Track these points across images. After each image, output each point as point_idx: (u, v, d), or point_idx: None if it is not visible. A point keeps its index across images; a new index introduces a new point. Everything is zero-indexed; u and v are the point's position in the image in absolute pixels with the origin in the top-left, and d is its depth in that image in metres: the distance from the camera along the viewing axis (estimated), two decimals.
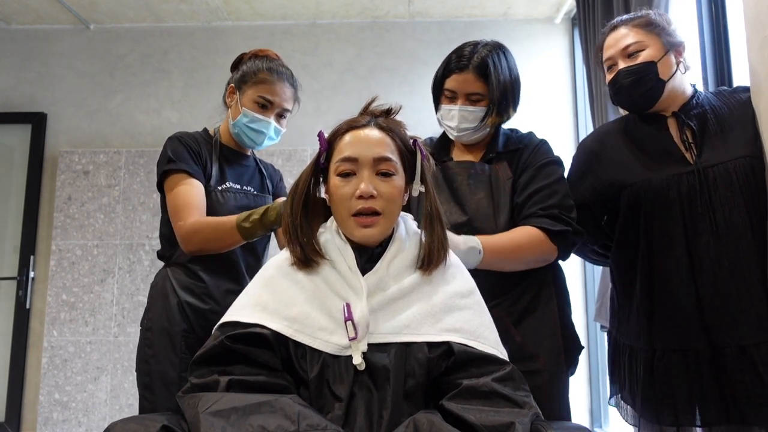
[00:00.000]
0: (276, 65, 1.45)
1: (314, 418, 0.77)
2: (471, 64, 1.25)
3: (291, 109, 1.48)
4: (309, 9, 3.24)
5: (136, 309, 3.03)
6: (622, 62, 1.28)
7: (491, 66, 1.25)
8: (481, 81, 1.26)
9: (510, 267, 1.22)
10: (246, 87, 1.42)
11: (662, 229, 1.21)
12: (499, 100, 1.26)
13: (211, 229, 1.30)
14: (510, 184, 1.28)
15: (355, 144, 0.96)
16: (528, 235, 1.20)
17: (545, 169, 1.28)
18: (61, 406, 2.97)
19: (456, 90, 1.28)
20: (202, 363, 0.87)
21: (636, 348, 1.27)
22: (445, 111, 1.30)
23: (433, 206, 0.98)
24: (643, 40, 1.26)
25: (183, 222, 1.31)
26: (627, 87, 1.26)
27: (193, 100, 3.30)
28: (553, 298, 1.26)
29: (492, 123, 1.30)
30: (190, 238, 1.30)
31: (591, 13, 2.61)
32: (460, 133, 1.30)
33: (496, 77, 1.25)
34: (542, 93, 3.21)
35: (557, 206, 1.23)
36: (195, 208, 1.32)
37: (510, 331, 1.20)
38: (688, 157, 1.22)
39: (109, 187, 3.16)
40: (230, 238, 1.28)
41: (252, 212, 1.26)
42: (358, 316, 0.88)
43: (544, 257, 1.23)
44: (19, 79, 3.34)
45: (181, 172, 1.36)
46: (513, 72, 1.31)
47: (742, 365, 1.12)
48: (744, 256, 1.14)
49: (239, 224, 1.25)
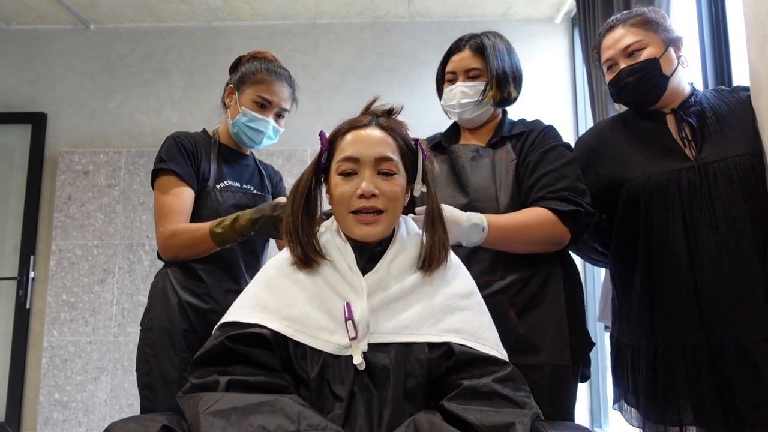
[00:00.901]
0: (274, 66, 1.47)
1: (314, 418, 0.77)
2: (468, 44, 1.33)
3: (289, 108, 1.50)
4: (309, 9, 3.24)
5: (136, 309, 3.03)
6: (623, 62, 1.27)
7: (487, 43, 1.31)
8: (478, 57, 1.31)
9: (518, 248, 1.19)
10: (245, 87, 1.44)
11: (662, 224, 1.20)
12: (497, 73, 1.29)
13: (187, 236, 1.33)
14: (514, 165, 1.27)
15: (356, 143, 0.96)
16: (537, 215, 1.17)
17: (553, 152, 1.26)
18: (61, 406, 2.97)
19: (455, 70, 1.33)
20: (201, 363, 0.88)
21: (638, 346, 1.26)
22: (447, 92, 1.35)
23: (435, 206, 0.98)
24: (643, 38, 1.26)
25: (163, 228, 1.35)
26: (632, 85, 1.26)
27: (193, 100, 3.30)
28: (562, 290, 1.23)
29: (492, 97, 1.30)
30: (167, 244, 1.35)
31: (591, 13, 2.61)
32: (461, 109, 1.32)
33: (493, 53, 1.30)
34: (542, 93, 3.21)
35: (567, 189, 1.20)
36: (177, 214, 1.35)
37: (513, 322, 1.18)
38: (687, 153, 1.21)
39: (109, 187, 3.16)
40: (204, 245, 1.32)
41: (224, 218, 1.29)
42: (358, 315, 0.88)
43: (555, 239, 1.19)
44: (19, 79, 3.34)
45: (170, 173, 1.37)
46: (512, 55, 1.35)
47: (741, 364, 1.11)
48: (744, 252, 1.13)
49: (211, 230, 1.29)
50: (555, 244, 1.20)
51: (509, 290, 1.20)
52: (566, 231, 1.18)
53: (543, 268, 1.22)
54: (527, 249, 1.20)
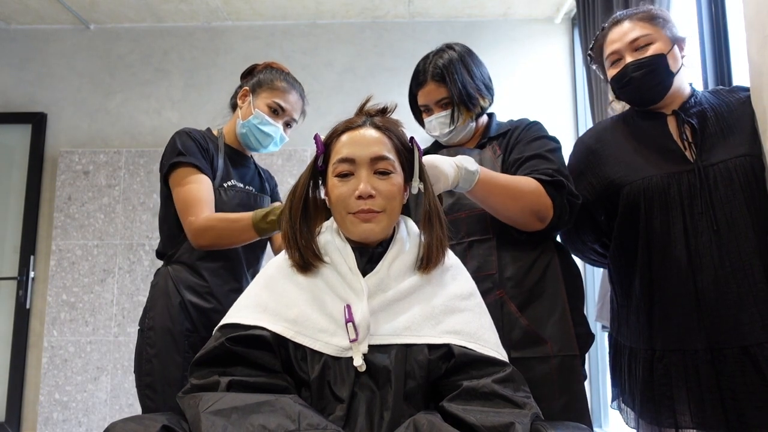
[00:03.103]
0: (291, 78, 1.53)
1: (314, 418, 0.77)
2: (428, 75, 1.32)
3: (298, 120, 1.56)
4: (309, 9, 3.24)
5: (136, 309, 3.03)
6: (630, 56, 1.25)
7: (444, 71, 1.30)
8: (442, 86, 1.31)
9: (504, 207, 1.16)
10: (261, 90, 1.47)
11: (662, 226, 1.20)
12: (461, 98, 1.29)
13: (225, 226, 1.32)
14: (500, 161, 1.28)
15: (351, 144, 0.96)
16: (526, 180, 1.16)
17: (537, 142, 1.27)
18: (61, 406, 2.97)
19: (427, 103, 1.35)
20: (202, 364, 0.88)
21: (636, 349, 1.26)
22: (427, 123, 1.36)
23: (432, 204, 0.98)
24: (651, 33, 1.24)
25: (195, 218, 1.32)
26: (638, 80, 1.24)
27: (193, 100, 3.30)
28: (561, 279, 1.22)
29: (467, 118, 1.32)
30: (202, 234, 1.32)
31: (591, 13, 2.61)
32: (446, 138, 1.35)
33: (451, 78, 1.29)
34: (542, 93, 3.21)
35: (551, 169, 1.19)
36: (205, 203, 1.34)
37: (515, 315, 1.17)
38: (688, 155, 1.21)
39: (109, 187, 3.16)
40: (244, 235, 1.32)
41: (269, 212, 1.29)
42: (359, 317, 0.88)
43: (540, 212, 1.16)
44: (19, 79, 3.34)
45: (190, 166, 1.37)
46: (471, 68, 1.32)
47: (744, 366, 1.10)
48: (745, 255, 1.13)
49: (256, 224, 1.29)
50: (539, 218, 1.17)
51: (507, 284, 1.19)
52: (550, 205, 1.16)
53: (540, 258, 1.22)
54: (512, 213, 1.17)
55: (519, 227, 1.20)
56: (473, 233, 1.24)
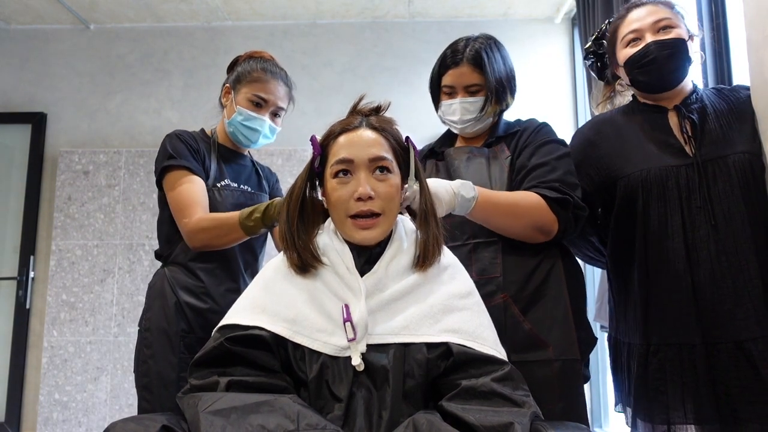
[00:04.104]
0: (269, 65, 1.47)
1: (313, 418, 0.77)
2: (465, 57, 1.28)
3: (285, 107, 1.51)
4: (309, 9, 3.24)
5: (136, 309, 3.03)
6: (652, 36, 1.24)
7: (485, 56, 1.28)
8: (477, 72, 1.28)
9: (505, 226, 1.17)
10: (240, 86, 1.45)
11: (659, 220, 1.19)
12: (496, 88, 1.28)
13: (215, 226, 1.31)
14: (508, 163, 1.27)
15: (349, 146, 0.97)
16: (527, 197, 1.16)
17: (545, 147, 1.25)
18: (61, 406, 2.97)
19: (454, 84, 1.30)
20: (201, 364, 0.88)
21: (633, 344, 1.26)
22: (446, 106, 1.32)
23: (428, 202, 0.98)
24: (672, 18, 1.24)
25: (188, 219, 1.32)
26: (661, 59, 1.22)
27: (193, 100, 3.31)
28: (564, 283, 1.21)
29: (493, 111, 1.30)
30: (195, 235, 1.32)
31: (591, 13, 2.61)
32: (463, 125, 1.32)
33: (491, 66, 1.27)
34: (542, 93, 3.21)
35: (558, 180, 1.18)
36: (198, 205, 1.34)
37: (518, 318, 1.17)
38: (687, 150, 1.21)
39: (109, 187, 3.16)
40: (234, 234, 1.31)
41: (254, 210, 1.28)
42: (356, 317, 0.88)
43: (543, 227, 1.16)
44: (19, 79, 3.34)
45: (181, 169, 1.37)
46: (506, 61, 1.33)
47: (737, 361, 1.11)
48: (742, 250, 1.13)
49: (242, 222, 1.27)
50: (542, 233, 1.18)
51: (511, 287, 1.19)
52: (554, 220, 1.16)
53: (544, 262, 1.21)
54: (515, 231, 1.17)
55: (523, 240, 1.20)
56: (478, 235, 1.23)
